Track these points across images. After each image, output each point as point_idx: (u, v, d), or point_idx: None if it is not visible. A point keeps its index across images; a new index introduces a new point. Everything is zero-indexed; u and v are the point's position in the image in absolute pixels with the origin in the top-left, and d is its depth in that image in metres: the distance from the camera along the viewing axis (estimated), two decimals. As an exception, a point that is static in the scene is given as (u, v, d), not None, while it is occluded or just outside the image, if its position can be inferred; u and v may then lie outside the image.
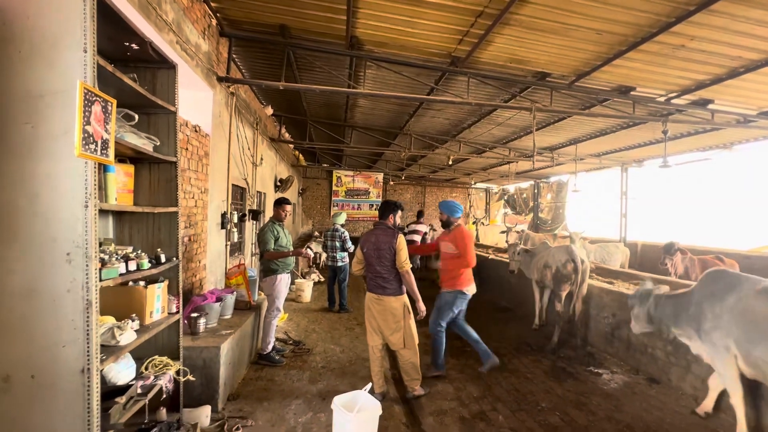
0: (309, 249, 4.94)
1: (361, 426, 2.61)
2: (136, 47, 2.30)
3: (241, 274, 4.41)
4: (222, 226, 5.06)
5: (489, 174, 14.58)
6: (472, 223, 17.47)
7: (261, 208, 7.62)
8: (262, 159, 7.18)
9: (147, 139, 2.41)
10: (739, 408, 2.91)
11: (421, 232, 9.05)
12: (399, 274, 3.49)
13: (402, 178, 16.10)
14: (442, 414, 3.36)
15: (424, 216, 10.53)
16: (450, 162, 11.46)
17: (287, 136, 10.33)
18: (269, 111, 7.41)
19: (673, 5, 3.71)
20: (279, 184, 9.26)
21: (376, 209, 13.52)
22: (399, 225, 3.74)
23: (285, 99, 7.84)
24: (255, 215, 6.55)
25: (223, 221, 5.06)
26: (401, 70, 5.43)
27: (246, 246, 6.63)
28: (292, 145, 10.94)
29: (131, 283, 2.30)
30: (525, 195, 16.44)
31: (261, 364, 4.20)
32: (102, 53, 1.85)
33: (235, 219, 5.52)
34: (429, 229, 9.87)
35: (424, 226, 9.34)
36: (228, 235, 5.26)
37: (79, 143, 1.66)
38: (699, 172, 11.37)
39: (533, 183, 15.84)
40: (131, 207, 2.32)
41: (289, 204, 4.71)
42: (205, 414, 2.92)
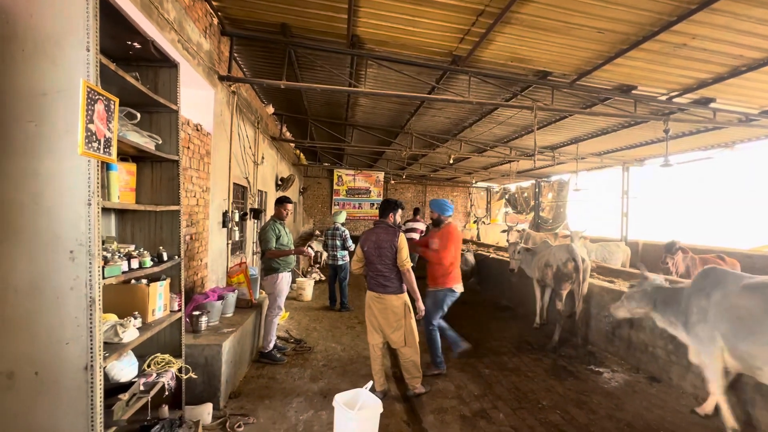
0: (310, 248, 4.94)
1: (363, 424, 2.62)
2: (138, 46, 2.31)
3: (243, 272, 4.42)
4: (223, 224, 5.07)
5: (490, 173, 14.57)
6: (473, 222, 17.47)
7: (262, 206, 7.63)
8: (263, 158, 7.19)
9: (149, 138, 2.42)
10: (721, 397, 3.01)
11: (419, 229, 9.03)
12: (400, 272, 3.50)
13: (403, 177, 16.09)
14: (443, 412, 3.37)
15: (420, 213, 10.50)
16: (451, 161, 11.45)
17: (288, 135, 10.33)
18: (270, 110, 7.42)
19: (675, 4, 3.71)
20: (280, 182, 9.27)
21: (376, 208, 13.51)
22: (398, 223, 3.74)
23: (286, 98, 7.84)
24: (256, 214, 6.56)
25: (225, 220, 5.07)
26: (402, 68, 5.43)
27: (247, 245, 6.64)
28: (293, 144, 10.95)
29: (133, 281, 2.31)
30: (526, 194, 16.43)
31: (262, 362, 4.22)
32: (104, 52, 1.85)
33: (237, 218, 5.53)
34: (428, 226, 9.83)
35: (421, 223, 9.32)
36: (229, 234, 5.27)
37: (82, 141, 1.67)
38: (701, 171, 11.35)
39: (534, 182, 15.83)
40: (133, 205, 2.33)
41: (291, 203, 4.72)
42: (207, 411, 2.94)
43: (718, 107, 6.21)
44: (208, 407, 2.96)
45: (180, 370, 2.56)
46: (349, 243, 6.73)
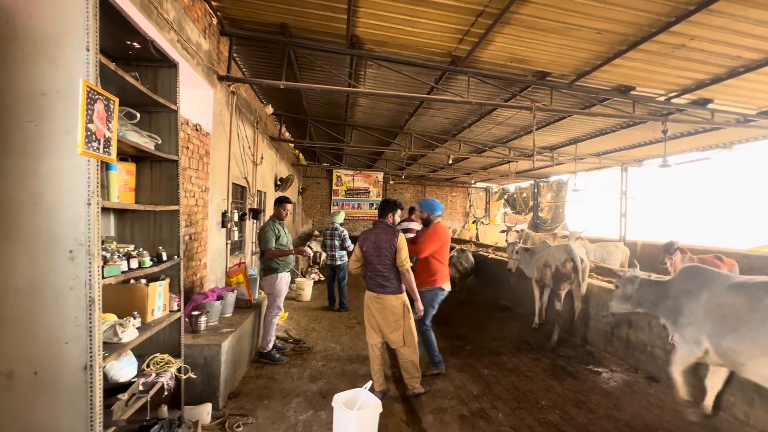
0: (309, 248, 4.94)
1: (362, 424, 2.62)
2: (137, 46, 2.31)
3: (242, 272, 4.42)
4: (222, 224, 5.07)
5: (489, 173, 14.60)
6: (472, 223, 17.48)
7: (261, 207, 7.63)
8: (262, 158, 7.19)
9: (149, 138, 2.42)
10: (679, 377, 3.31)
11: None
12: (399, 272, 3.50)
13: (402, 177, 16.11)
14: (442, 412, 3.37)
15: (416, 212, 10.51)
16: (450, 161, 11.46)
17: (287, 135, 10.33)
18: (269, 110, 7.42)
19: (673, 5, 3.72)
20: (279, 183, 9.27)
21: (375, 208, 13.50)
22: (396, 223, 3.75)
23: (285, 98, 7.85)
24: (255, 214, 6.56)
25: (224, 220, 5.07)
26: (401, 69, 5.43)
27: (246, 245, 6.64)
28: (292, 144, 10.95)
29: (133, 281, 2.30)
30: (525, 194, 16.46)
31: (261, 362, 4.21)
32: (104, 52, 1.85)
33: (236, 218, 5.53)
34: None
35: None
36: (228, 234, 5.27)
37: (82, 141, 1.67)
38: (699, 171, 11.37)
39: (533, 182, 15.85)
40: (133, 205, 2.33)
41: (290, 203, 4.71)
42: (206, 411, 2.93)
43: (716, 108, 6.23)
44: (207, 407, 2.95)
45: (179, 370, 2.56)
46: (348, 243, 6.73)
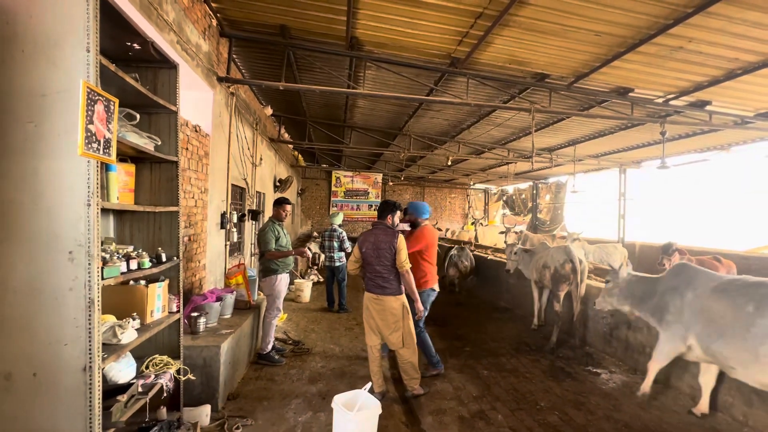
0: (308, 249, 4.94)
1: (361, 425, 2.62)
2: (137, 47, 2.31)
3: (241, 273, 4.42)
4: (221, 225, 5.07)
5: (488, 175, 14.62)
6: (470, 224, 17.50)
7: (260, 208, 7.62)
8: (261, 159, 7.19)
9: (148, 139, 2.42)
10: (653, 371, 3.49)
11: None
12: (398, 274, 3.50)
13: (401, 178, 16.12)
14: (441, 413, 3.37)
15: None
16: (449, 163, 11.48)
17: (287, 136, 10.34)
18: (269, 111, 7.42)
19: (671, 8, 3.74)
20: (278, 184, 9.27)
21: (375, 210, 13.50)
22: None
23: (284, 99, 7.85)
24: (254, 215, 6.55)
25: (223, 221, 5.07)
26: (401, 70, 5.45)
27: (245, 246, 6.63)
28: (291, 146, 10.95)
29: (132, 282, 2.30)
30: (524, 196, 16.49)
31: (261, 363, 4.21)
32: (104, 53, 1.85)
33: (235, 219, 5.52)
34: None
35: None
36: (227, 235, 5.26)
37: (82, 142, 1.67)
38: (697, 173, 11.39)
39: (532, 184, 15.88)
40: (132, 206, 2.33)
41: (290, 204, 4.71)
42: (205, 413, 2.93)
43: (713, 110, 6.26)
44: (206, 409, 2.95)
45: (178, 371, 2.55)
46: (347, 244, 6.73)
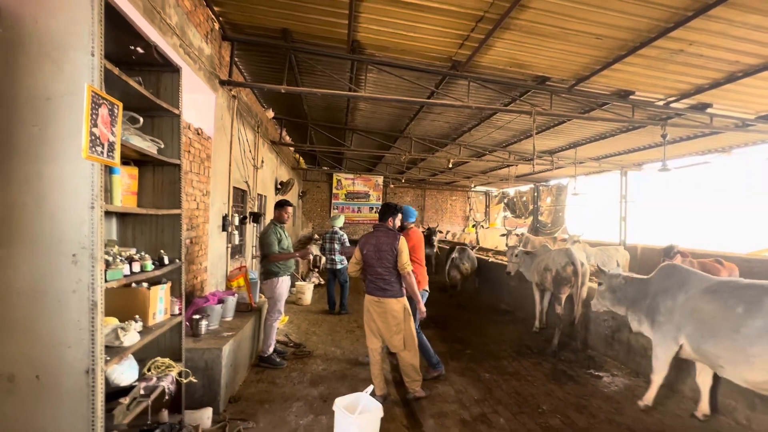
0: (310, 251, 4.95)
1: (363, 428, 2.62)
2: (141, 51, 2.33)
3: (242, 276, 4.42)
4: (223, 228, 5.07)
5: (489, 177, 14.62)
6: (471, 226, 17.49)
7: (262, 210, 7.64)
8: (263, 162, 7.21)
9: (151, 142, 2.43)
10: (657, 383, 3.50)
11: None
12: (400, 276, 3.50)
13: (402, 181, 16.12)
14: (443, 416, 3.37)
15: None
16: (450, 165, 11.47)
17: (288, 139, 10.36)
18: (270, 114, 7.45)
19: (672, 11, 3.75)
20: (280, 186, 9.28)
21: (376, 212, 13.53)
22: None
23: (286, 102, 7.88)
24: (256, 218, 6.56)
25: (225, 224, 5.07)
26: (402, 73, 5.46)
27: (247, 248, 6.64)
28: (292, 148, 10.97)
29: (134, 285, 2.31)
30: (525, 198, 16.49)
31: (262, 366, 4.20)
32: (107, 56, 1.86)
33: (236, 221, 5.53)
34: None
35: None
36: (229, 238, 5.27)
37: (86, 145, 1.68)
38: (698, 175, 11.38)
39: (533, 186, 15.88)
40: (135, 209, 2.33)
41: (291, 206, 4.72)
42: (207, 416, 2.92)
43: (714, 112, 6.26)
44: (207, 411, 2.94)
45: (180, 374, 2.55)
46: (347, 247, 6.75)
